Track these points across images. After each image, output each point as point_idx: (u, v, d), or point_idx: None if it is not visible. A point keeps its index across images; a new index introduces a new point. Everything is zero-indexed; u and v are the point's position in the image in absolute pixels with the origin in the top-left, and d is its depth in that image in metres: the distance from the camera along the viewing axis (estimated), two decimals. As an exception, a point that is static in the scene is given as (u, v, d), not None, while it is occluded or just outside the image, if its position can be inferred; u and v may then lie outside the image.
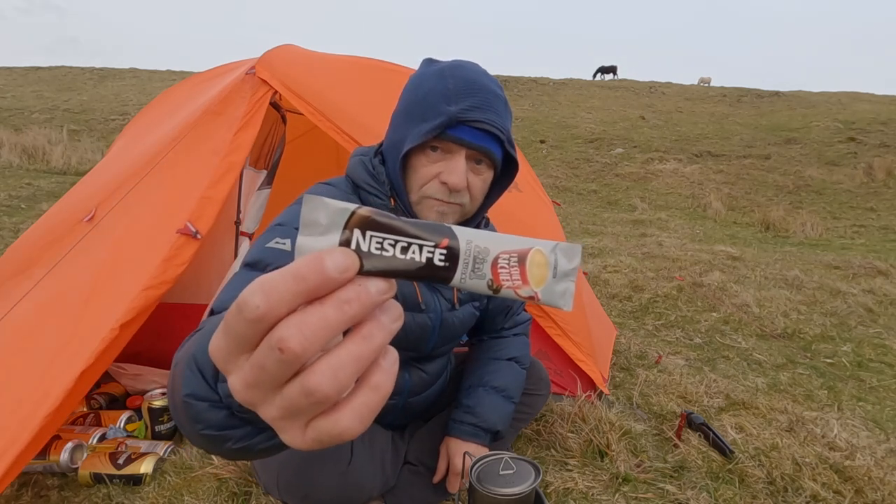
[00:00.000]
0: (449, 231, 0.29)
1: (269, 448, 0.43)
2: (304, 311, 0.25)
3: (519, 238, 0.31)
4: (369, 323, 0.26)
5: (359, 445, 1.03)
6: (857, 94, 15.94)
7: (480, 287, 0.30)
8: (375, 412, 0.27)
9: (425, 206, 0.91)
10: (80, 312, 1.29)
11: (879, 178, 8.08)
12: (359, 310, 0.25)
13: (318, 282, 0.25)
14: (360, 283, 0.26)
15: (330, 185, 0.98)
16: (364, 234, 0.28)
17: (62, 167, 6.83)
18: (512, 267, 0.30)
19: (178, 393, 0.45)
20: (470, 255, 0.29)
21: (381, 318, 0.27)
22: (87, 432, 1.51)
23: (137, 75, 16.50)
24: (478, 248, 0.30)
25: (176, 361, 0.49)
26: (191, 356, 0.45)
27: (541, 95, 15.64)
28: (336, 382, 0.25)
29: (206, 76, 2.02)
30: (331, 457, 0.98)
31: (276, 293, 0.24)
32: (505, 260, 0.30)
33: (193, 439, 0.46)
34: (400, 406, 1.14)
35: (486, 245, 0.30)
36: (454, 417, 1.17)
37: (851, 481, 1.40)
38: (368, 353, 0.26)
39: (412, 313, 1.01)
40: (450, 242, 0.29)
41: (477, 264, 0.30)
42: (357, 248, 0.28)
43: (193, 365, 0.44)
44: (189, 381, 0.44)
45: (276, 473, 0.97)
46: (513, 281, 0.30)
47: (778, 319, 2.75)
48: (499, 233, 0.30)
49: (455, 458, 1.13)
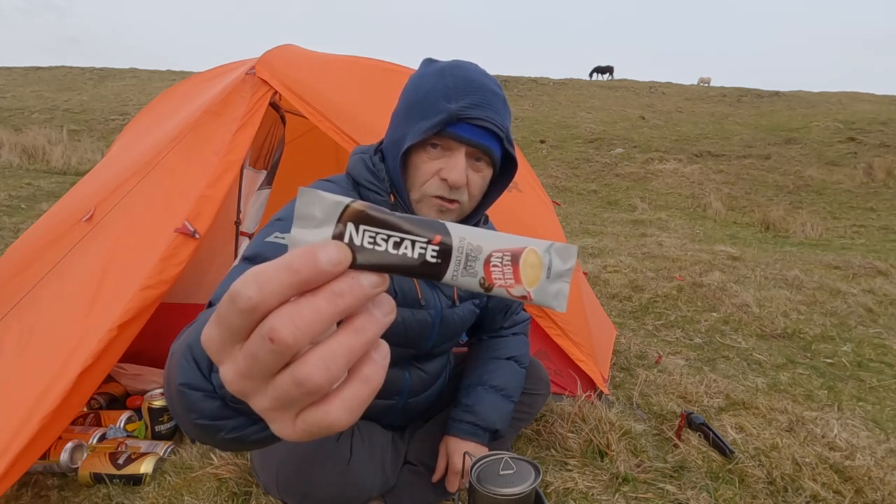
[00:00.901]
0: (442, 227, 0.29)
1: (261, 439, 0.43)
2: (297, 302, 0.25)
3: (514, 237, 0.31)
4: (361, 316, 0.26)
5: (358, 445, 1.03)
6: (856, 94, 15.95)
7: (472, 285, 0.30)
8: (365, 404, 0.27)
9: (425, 204, 0.92)
10: (78, 313, 1.29)
11: (879, 178, 8.08)
12: (351, 302, 0.26)
13: (311, 274, 0.25)
14: (352, 277, 0.26)
15: (330, 181, 0.99)
16: (357, 228, 0.28)
17: (62, 167, 6.83)
18: (505, 266, 0.30)
19: (173, 382, 0.46)
20: (462, 253, 0.29)
21: (374, 312, 0.27)
22: (87, 432, 1.51)
23: (137, 75, 16.50)
24: (471, 245, 0.30)
25: (172, 352, 0.50)
26: (186, 346, 0.45)
27: (541, 95, 15.65)
28: (327, 373, 0.25)
29: (206, 76, 2.02)
30: (330, 456, 0.98)
31: (268, 284, 0.24)
32: (498, 258, 0.30)
33: (187, 429, 0.46)
34: (400, 406, 1.14)
35: (480, 243, 0.30)
36: (453, 416, 1.17)
37: (851, 481, 1.40)
38: (360, 345, 0.26)
39: (412, 310, 1.01)
40: (442, 239, 0.29)
41: (469, 262, 0.30)
42: (350, 242, 0.28)
43: (189, 355, 0.45)
44: (184, 371, 0.44)
45: (276, 473, 0.97)
46: (505, 280, 0.30)
47: (778, 319, 2.75)
48: (495, 231, 0.30)
49: (454, 457, 1.13)
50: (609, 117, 13.02)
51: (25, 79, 14.92)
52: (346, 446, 1.01)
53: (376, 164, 0.96)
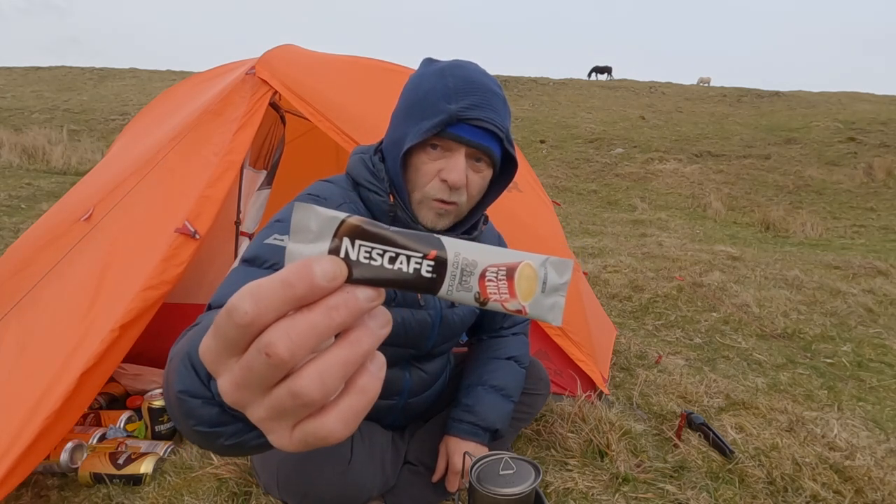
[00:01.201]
0: (438, 242, 0.30)
1: (260, 445, 0.43)
2: (293, 317, 0.25)
3: (509, 251, 0.31)
4: (357, 329, 0.27)
5: (359, 445, 1.03)
6: (856, 94, 15.94)
7: (467, 299, 0.30)
8: (361, 416, 0.27)
9: (426, 206, 0.92)
10: (78, 313, 1.28)
11: (879, 177, 8.08)
12: (346, 316, 0.26)
13: (306, 289, 0.25)
14: (348, 291, 0.26)
15: (330, 182, 0.99)
16: (353, 242, 0.28)
17: (62, 167, 6.83)
18: (500, 280, 0.31)
19: (172, 388, 0.46)
20: (458, 268, 0.30)
21: (370, 324, 0.27)
22: (87, 432, 1.51)
23: (137, 75, 16.50)
24: (466, 260, 0.30)
25: (171, 356, 0.50)
26: (185, 354, 0.45)
27: (541, 95, 15.65)
28: (323, 386, 0.25)
29: (206, 76, 2.02)
30: (330, 456, 0.98)
31: (264, 299, 0.25)
32: (493, 273, 0.30)
33: (187, 434, 0.47)
34: (400, 407, 1.14)
35: (475, 258, 0.30)
36: (453, 416, 1.17)
37: (851, 481, 1.40)
38: (356, 357, 0.26)
39: (412, 310, 1.02)
40: (437, 254, 0.29)
41: (464, 277, 0.30)
42: (346, 257, 0.28)
43: (188, 361, 0.45)
44: (183, 378, 0.44)
45: (276, 473, 0.97)
46: (500, 294, 0.31)
47: (778, 319, 2.75)
48: (490, 246, 0.31)
49: (454, 456, 1.13)
50: (609, 117, 13.02)
51: (25, 79, 14.92)
52: (346, 446, 1.01)
53: (376, 165, 0.96)
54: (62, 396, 1.15)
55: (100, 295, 1.30)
